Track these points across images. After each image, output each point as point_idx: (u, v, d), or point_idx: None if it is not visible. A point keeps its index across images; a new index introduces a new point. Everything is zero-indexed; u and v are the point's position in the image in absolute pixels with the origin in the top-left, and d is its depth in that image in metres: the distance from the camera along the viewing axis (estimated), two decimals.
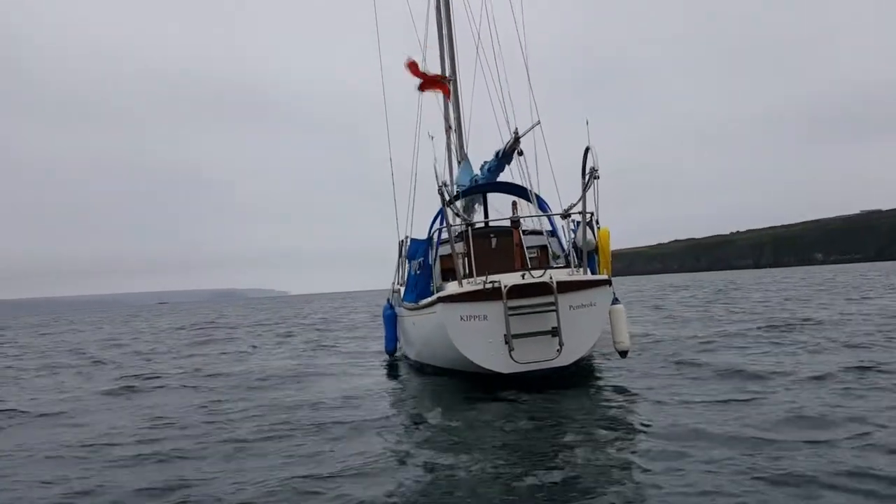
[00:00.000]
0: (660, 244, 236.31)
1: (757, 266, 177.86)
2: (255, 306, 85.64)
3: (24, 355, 20.97)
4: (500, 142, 12.31)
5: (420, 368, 10.98)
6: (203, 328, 32.07)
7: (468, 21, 14.26)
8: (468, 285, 8.82)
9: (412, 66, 13.87)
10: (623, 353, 9.37)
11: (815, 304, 20.68)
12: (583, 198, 9.15)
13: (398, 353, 13.07)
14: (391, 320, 12.67)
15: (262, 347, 17.95)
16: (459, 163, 14.38)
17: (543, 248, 11.61)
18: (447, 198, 9.25)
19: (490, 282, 8.56)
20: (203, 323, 38.69)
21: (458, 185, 13.55)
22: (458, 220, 10.00)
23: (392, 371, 11.64)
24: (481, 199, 13.09)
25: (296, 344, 18.45)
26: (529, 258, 11.04)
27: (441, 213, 10.85)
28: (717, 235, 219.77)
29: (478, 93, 14.16)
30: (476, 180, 12.82)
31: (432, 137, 10.49)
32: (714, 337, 12.81)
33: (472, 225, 10.15)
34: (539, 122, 10.78)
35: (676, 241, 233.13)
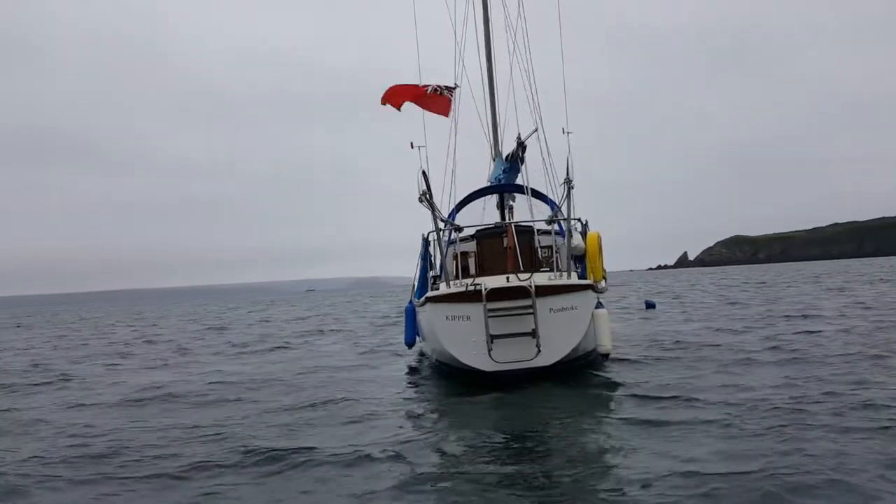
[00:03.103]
0: (817, 228, 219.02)
1: None
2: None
3: None
4: (537, 140, 12.33)
5: (425, 359, 11.58)
6: None
7: (505, 18, 14.16)
8: (454, 287, 9.31)
9: (393, 92, 13.05)
10: (605, 356, 9.55)
11: None
12: (567, 205, 9.49)
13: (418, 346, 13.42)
14: (411, 314, 13.05)
15: None
16: (494, 160, 14.46)
17: (555, 249, 11.66)
18: (432, 208, 9.66)
19: (473, 284, 8.94)
20: None
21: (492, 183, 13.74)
22: (443, 224, 10.37)
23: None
24: (497, 200, 13.20)
25: None
26: (542, 258, 11.24)
27: (451, 213, 11.33)
28: (883, 218, 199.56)
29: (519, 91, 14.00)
30: (499, 180, 13.03)
31: (420, 147, 10.68)
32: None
33: (460, 230, 10.58)
34: (536, 130, 10.98)
35: (836, 224, 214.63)
